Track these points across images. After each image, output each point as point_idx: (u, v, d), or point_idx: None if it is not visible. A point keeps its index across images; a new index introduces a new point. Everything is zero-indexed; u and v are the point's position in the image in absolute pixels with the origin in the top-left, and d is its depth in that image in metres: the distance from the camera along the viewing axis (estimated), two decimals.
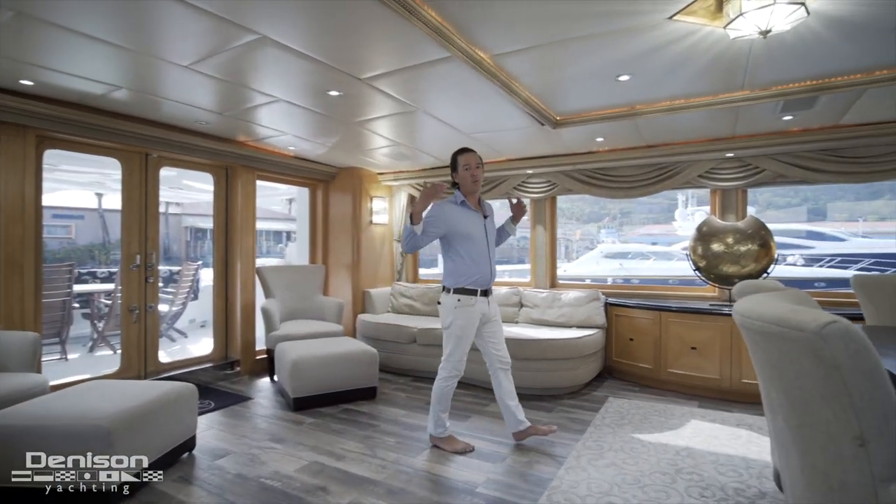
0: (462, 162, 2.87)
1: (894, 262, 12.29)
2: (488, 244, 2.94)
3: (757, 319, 1.12)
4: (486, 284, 2.91)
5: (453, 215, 2.84)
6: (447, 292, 2.89)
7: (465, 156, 2.87)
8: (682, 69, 2.64)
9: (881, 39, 2.30)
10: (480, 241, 2.89)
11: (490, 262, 2.93)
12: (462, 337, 2.88)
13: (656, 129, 3.80)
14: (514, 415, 3.02)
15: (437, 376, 3.02)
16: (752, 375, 3.77)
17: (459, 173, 2.90)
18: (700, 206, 16.34)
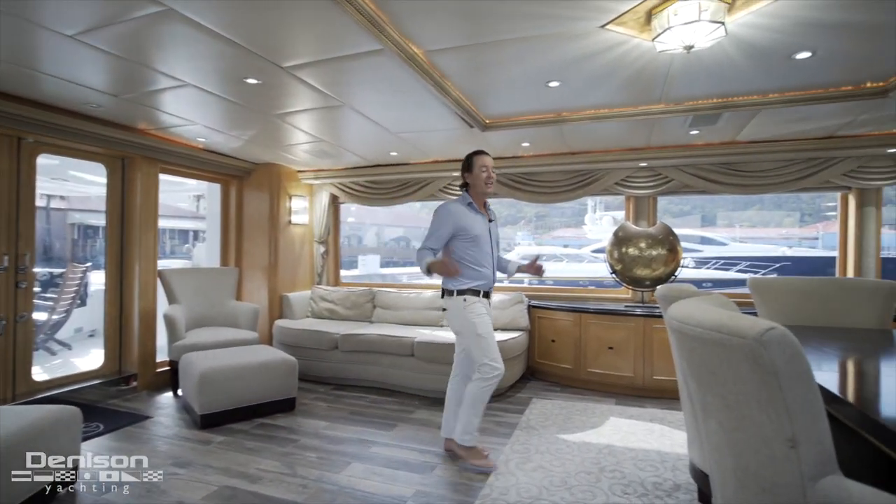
0: (479, 163, 2.83)
1: (765, 264, 13.98)
2: (492, 248, 2.89)
3: (696, 326, 1.13)
4: (489, 287, 2.87)
5: (461, 215, 2.78)
6: (451, 295, 2.79)
7: (483, 157, 2.84)
8: (609, 79, 2.73)
9: (777, 65, 2.53)
10: (485, 244, 2.83)
11: (493, 265, 2.89)
12: (485, 334, 2.77)
13: (580, 137, 3.94)
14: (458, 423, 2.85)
15: (473, 380, 2.79)
16: (663, 372, 4.02)
17: (474, 174, 2.84)
18: (607, 210, 17.48)
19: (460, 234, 2.76)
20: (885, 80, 2.77)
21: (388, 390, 4.31)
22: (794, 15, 1.98)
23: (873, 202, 4.26)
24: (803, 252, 15.85)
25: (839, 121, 3.44)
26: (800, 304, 2.96)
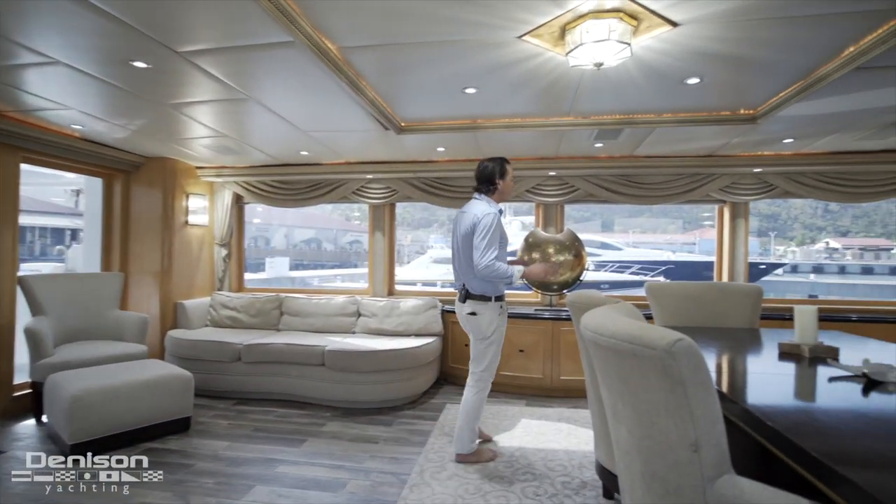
0: (510, 172, 2.87)
1: (653, 267, 15.42)
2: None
3: (610, 337, 1.16)
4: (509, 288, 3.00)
5: (502, 226, 2.77)
6: (487, 301, 2.78)
7: (511, 166, 2.89)
8: (524, 89, 2.79)
9: (671, 88, 2.75)
10: (506, 248, 2.87)
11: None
12: (501, 342, 2.90)
13: (494, 144, 4.01)
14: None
15: (468, 390, 2.88)
16: (570, 373, 4.22)
17: (507, 182, 2.86)
18: (516, 216, 18.23)
19: (501, 242, 2.74)
20: (755, 108, 3.13)
21: (298, 402, 4.08)
22: (686, 43, 2.16)
23: (742, 214, 4.82)
24: (685, 257, 17.65)
25: (718, 142, 3.84)
26: (688, 306, 3.23)
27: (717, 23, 1.97)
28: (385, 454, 3.04)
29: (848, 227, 29.20)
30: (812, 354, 2.03)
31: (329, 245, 25.45)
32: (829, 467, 0.99)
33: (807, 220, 30.42)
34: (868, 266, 23.48)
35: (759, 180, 4.58)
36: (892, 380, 1.62)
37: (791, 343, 2.14)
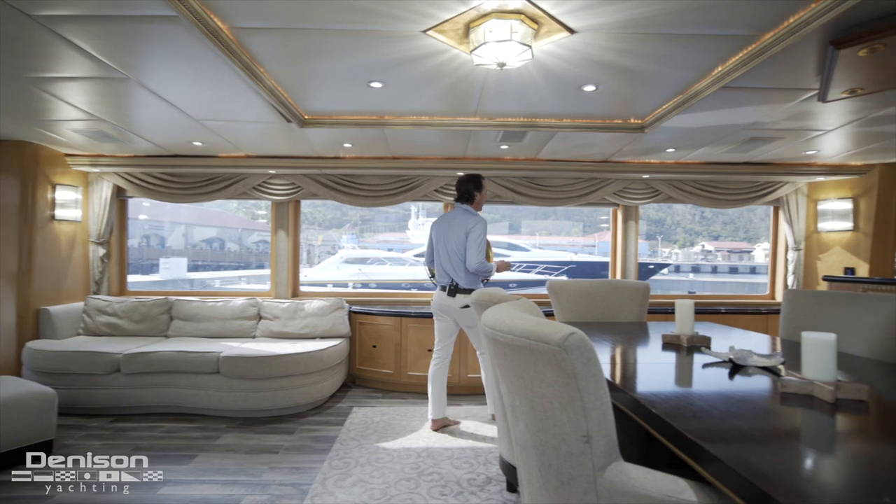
0: (486, 186, 3.58)
1: (557, 267, 16.36)
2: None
3: (508, 333, 1.16)
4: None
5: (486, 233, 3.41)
6: (470, 293, 3.19)
7: (486, 181, 3.62)
8: (431, 86, 2.77)
9: (570, 94, 2.89)
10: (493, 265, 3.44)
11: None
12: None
13: (402, 142, 3.96)
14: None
15: (484, 371, 3.44)
16: (477, 370, 4.28)
17: (482, 194, 3.54)
18: (429, 217, 18.37)
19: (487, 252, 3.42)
20: (643, 118, 3.39)
21: (189, 415, 3.73)
22: (583, 51, 2.27)
23: (633, 217, 5.23)
24: (585, 257, 18.90)
25: (612, 148, 4.11)
26: (585, 302, 3.42)
27: (609, 33, 2.09)
28: (285, 464, 2.87)
29: (719, 232, 33.21)
30: (689, 344, 2.23)
31: (233, 245, 23.89)
32: (700, 446, 1.07)
33: (687, 226, 34.05)
34: (734, 266, 26.84)
35: (647, 186, 4.99)
36: (752, 363, 1.81)
37: (672, 334, 2.33)
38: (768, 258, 5.66)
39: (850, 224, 4.88)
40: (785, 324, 2.66)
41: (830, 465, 1.07)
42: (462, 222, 3.35)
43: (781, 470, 0.96)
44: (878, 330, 2.15)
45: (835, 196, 4.98)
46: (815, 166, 4.72)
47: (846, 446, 1.19)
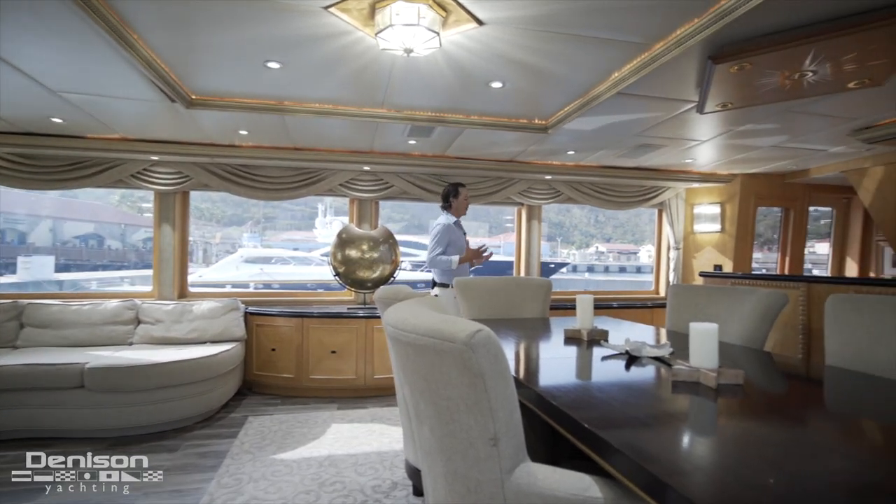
0: (464, 194, 3.88)
1: None
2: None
3: (411, 332, 1.07)
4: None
5: (452, 232, 3.76)
6: (446, 287, 3.75)
7: (466, 189, 3.92)
8: (335, 70, 2.60)
9: (478, 90, 2.88)
10: (462, 251, 3.79)
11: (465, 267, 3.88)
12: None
13: (305, 132, 3.72)
14: None
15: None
16: (383, 371, 4.16)
17: (459, 200, 3.86)
18: (337, 216, 17.83)
19: (451, 246, 3.75)
20: (547, 119, 3.50)
21: (44, 440, 3.18)
22: (491, 45, 2.25)
23: (537, 217, 5.42)
24: (493, 257, 19.42)
25: (518, 148, 4.21)
26: (492, 300, 3.44)
27: (517, 28, 2.09)
28: (165, 488, 2.53)
29: (611, 235, 36.16)
30: (589, 337, 2.30)
31: (114, 242, 21.27)
32: (598, 436, 1.06)
33: (583, 228, 36.59)
34: (623, 266, 29.34)
35: (549, 187, 5.20)
36: (645, 354, 1.90)
37: (574, 329, 2.39)
38: (652, 258, 6.19)
39: (719, 226, 5.48)
40: (671, 316, 2.87)
41: (713, 444, 1.11)
42: (432, 226, 3.88)
43: (669, 453, 0.98)
44: (747, 319, 2.37)
45: (707, 201, 5.56)
46: (691, 173, 5.22)
47: (727, 427, 1.26)
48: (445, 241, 3.72)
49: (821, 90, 2.64)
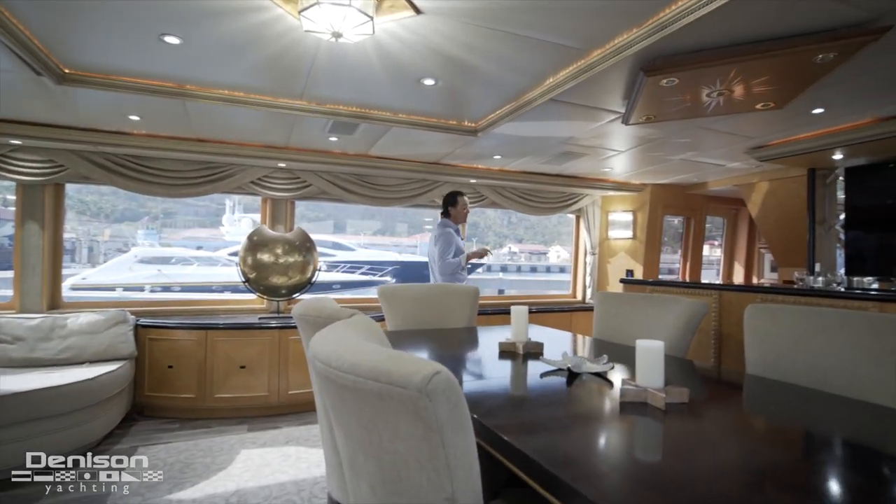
0: (461, 202, 3.99)
1: (381, 267, 16.38)
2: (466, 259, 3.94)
3: (348, 372, 0.87)
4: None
5: (456, 238, 3.92)
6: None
7: (464, 198, 4.02)
8: (247, 53, 2.28)
9: (409, 86, 2.70)
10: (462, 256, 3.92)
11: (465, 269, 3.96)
12: None
13: (211, 122, 3.30)
14: None
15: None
16: (299, 385, 3.83)
17: (457, 209, 3.97)
18: (247, 213, 16.69)
19: (456, 249, 3.90)
20: (477, 122, 3.40)
21: None
22: (427, 37, 2.08)
23: None
24: (410, 258, 19.28)
25: (444, 150, 4.08)
26: (417, 308, 3.27)
27: (457, 21, 1.94)
28: None
29: (522, 236, 37.65)
30: (525, 351, 2.21)
31: None
32: (553, 475, 0.93)
33: (497, 230, 37.66)
34: (534, 266, 30.65)
35: (474, 190, 5.14)
36: (586, 370, 1.84)
37: (508, 342, 2.29)
38: (560, 258, 6.39)
39: (631, 233, 5.76)
40: (598, 324, 2.89)
41: (670, 474, 1.03)
42: (434, 234, 4.01)
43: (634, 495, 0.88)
44: (672, 328, 2.43)
45: (621, 209, 5.83)
46: (607, 182, 5.44)
47: (681, 452, 1.19)
48: (452, 245, 3.90)
49: (734, 108, 2.79)
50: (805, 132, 3.54)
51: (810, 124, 3.33)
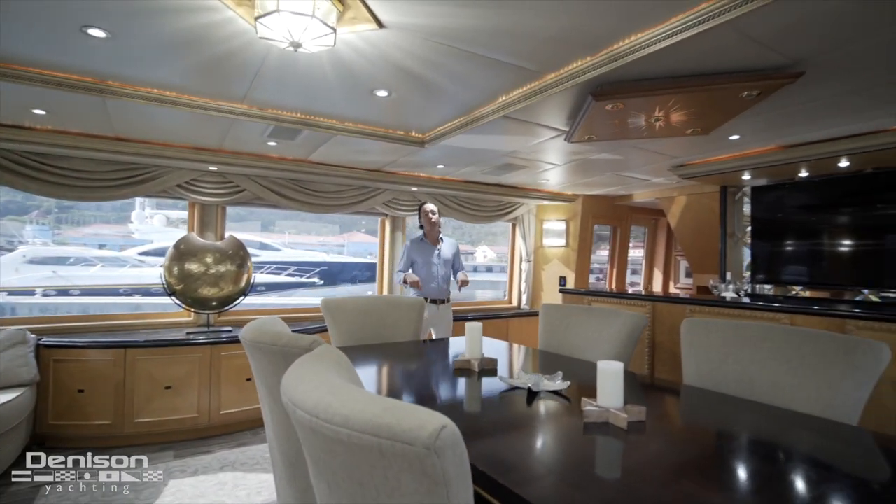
0: (421, 212, 4.01)
1: (309, 268, 15.82)
2: (437, 268, 3.95)
3: (341, 426, 0.81)
4: (433, 296, 3.93)
5: (414, 250, 4.00)
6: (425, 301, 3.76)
7: (426, 206, 4.01)
8: (187, 53, 2.09)
9: (360, 96, 2.62)
10: (429, 266, 3.93)
11: (437, 280, 3.94)
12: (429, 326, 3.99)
13: (134, 120, 3.00)
14: None
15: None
16: (232, 404, 3.60)
17: (422, 220, 4.02)
18: (159, 209, 15.42)
19: (413, 262, 3.96)
20: (425, 133, 3.38)
21: None
22: (386, 51, 2.03)
23: (401, 228, 5.29)
24: (338, 258, 18.77)
25: (387, 158, 4.02)
26: (363, 321, 3.19)
27: (418, 37, 1.90)
28: None
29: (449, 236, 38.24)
30: (480, 368, 2.22)
31: None
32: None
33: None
34: None
35: (413, 198, 5.11)
36: (544, 388, 1.88)
37: (462, 359, 2.29)
38: (486, 258, 6.53)
39: (564, 241, 6.02)
40: (543, 336, 2.97)
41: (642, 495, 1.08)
42: None
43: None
44: (615, 340, 2.55)
45: (555, 218, 6.06)
46: (543, 192, 5.64)
47: (646, 471, 1.25)
48: (405, 257, 4.00)
49: (667, 133, 3.00)
50: (721, 155, 3.89)
51: (726, 148, 3.65)
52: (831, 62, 2.04)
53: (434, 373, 2.32)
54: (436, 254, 3.97)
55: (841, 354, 1.79)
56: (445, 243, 4.05)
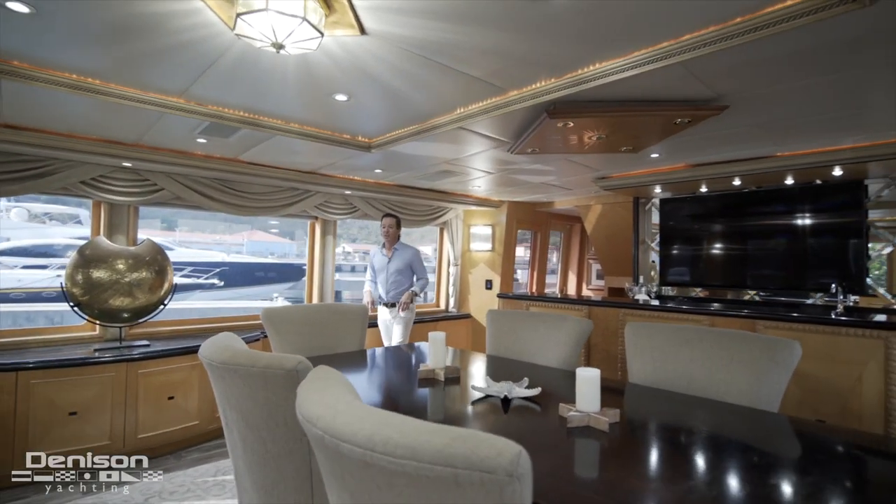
0: (382, 223, 4.44)
1: (207, 268, 14.68)
2: (387, 275, 4.37)
3: (409, 458, 0.79)
4: (384, 300, 4.39)
5: (374, 257, 4.54)
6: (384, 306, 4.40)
7: (384, 220, 4.44)
8: (127, 39, 1.85)
9: (317, 99, 2.50)
10: (382, 273, 4.41)
11: (385, 286, 4.39)
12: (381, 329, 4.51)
13: (32, 106, 2.58)
14: None
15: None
16: (153, 426, 3.26)
17: (384, 230, 4.43)
18: (18, 202, 13.39)
19: (372, 269, 4.52)
20: (372, 138, 3.31)
21: None
22: (360, 57, 1.97)
23: (331, 231, 5.13)
24: (238, 258, 17.55)
25: (324, 161, 3.87)
26: (308, 331, 3.05)
27: (396, 46, 1.87)
28: None
29: (356, 236, 37.83)
30: (446, 376, 2.24)
31: None
32: None
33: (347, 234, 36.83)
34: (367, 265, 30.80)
35: (345, 201, 4.98)
36: (516, 395, 1.94)
37: (427, 368, 2.29)
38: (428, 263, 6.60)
39: (490, 245, 6.21)
40: (491, 341, 3.05)
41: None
42: None
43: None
44: (563, 345, 2.70)
45: (481, 223, 6.24)
46: (471, 197, 5.78)
47: (645, 469, 1.35)
48: (368, 267, 4.50)
49: (604, 149, 3.24)
50: (639, 170, 4.27)
51: (644, 164, 4.02)
52: (748, 100, 2.35)
53: (397, 383, 2.29)
54: (387, 261, 4.38)
55: (764, 352, 2.07)
56: (399, 252, 4.39)
